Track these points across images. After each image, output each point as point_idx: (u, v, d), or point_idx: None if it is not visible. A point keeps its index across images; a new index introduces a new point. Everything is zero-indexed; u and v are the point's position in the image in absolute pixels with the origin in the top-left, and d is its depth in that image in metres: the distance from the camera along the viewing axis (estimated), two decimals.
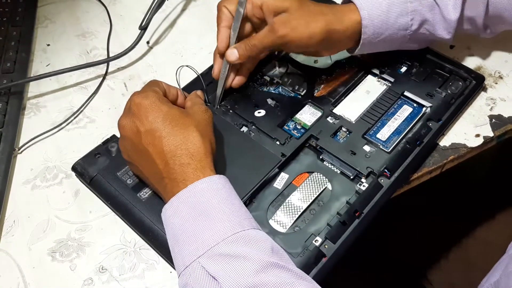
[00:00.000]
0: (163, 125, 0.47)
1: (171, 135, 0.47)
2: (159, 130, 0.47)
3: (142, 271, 0.50)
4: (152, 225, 0.50)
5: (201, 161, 0.47)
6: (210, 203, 0.45)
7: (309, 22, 0.54)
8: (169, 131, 0.47)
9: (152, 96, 0.49)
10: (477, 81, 0.61)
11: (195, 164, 0.46)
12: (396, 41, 0.59)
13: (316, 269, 0.47)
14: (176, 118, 0.48)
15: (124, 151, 0.51)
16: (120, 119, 0.50)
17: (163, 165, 0.46)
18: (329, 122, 0.58)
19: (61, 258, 0.51)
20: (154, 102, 0.48)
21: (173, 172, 0.46)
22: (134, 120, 0.48)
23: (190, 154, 0.46)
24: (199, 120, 0.49)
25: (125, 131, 0.49)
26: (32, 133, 0.61)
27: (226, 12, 0.57)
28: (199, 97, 0.55)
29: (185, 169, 0.46)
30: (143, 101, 0.48)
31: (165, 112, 0.48)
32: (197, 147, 0.47)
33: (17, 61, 0.68)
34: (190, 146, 0.47)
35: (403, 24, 0.57)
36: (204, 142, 0.48)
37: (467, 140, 0.58)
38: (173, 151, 0.46)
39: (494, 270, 0.48)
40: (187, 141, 0.47)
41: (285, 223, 0.51)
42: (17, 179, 0.58)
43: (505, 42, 0.68)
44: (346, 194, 0.52)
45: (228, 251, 0.42)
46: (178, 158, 0.46)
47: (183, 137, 0.47)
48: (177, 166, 0.46)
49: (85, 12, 0.77)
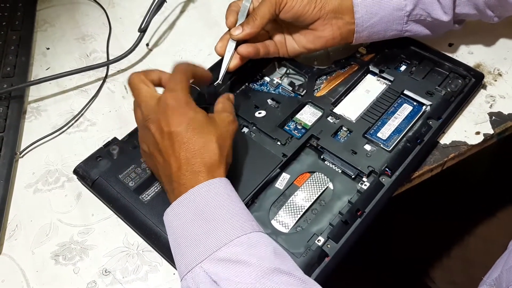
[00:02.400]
0: (186, 130, 0.47)
1: (191, 142, 0.47)
2: (181, 135, 0.47)
3: (145, 273, 0.50)
4: (155, 227, 0.50)
5: (213, 172, 0.47)
6: (211, 206, 0.45)
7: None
8: (189, 138, 0.47)
9: (181, 98, 0.48)
10: (476, 79, 0.62)
11: (207, 174, 0.46)
12: (394, 23, 0.60)
13: (319, 268, 0.47)
14: (200, 126, 0.48)
15: (143, 141, 0.51)
16: (147, 109, 0.49)
17: (176, 169, 0.46)
18: (330, 122, 0.58)
19: (65, 261, 0.52)
20: (181, 106, 0.48)
21: (183, 178, 0.46)
22: (159, 117, 0.48)
23: (204, 164, 0.46)
24: (222, 131, 0.49)
25: (149, 124, 0.49)
26: (33, 137, 0.61)
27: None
28: (230, 101, 0.55)
29: (196, 177, 0.46)
30: (172, 102, 0.48)
31: (190, 118, 0.47)
32: (212, 159, 0.47)
33: (17, 65, 0.68)
34: (206, 156, 0.47)
35: (397, 3, 0.58)
36: (221, 156, 0.48)
37: (467, 138, 0.59)
38: (188, 158, 0.46)
39: (495, 266, 0.48)
40: (204, 151, 0.47)
41: (287, 223, 0.51)
42: (19, 183, 0.58)
43: (504, 40, 0.68)
44: (348, 193, 0.52)
45: (230, 256, 0.42)
46: (192, 166, 0.46)
47: (202, 147, 0.47)
48: (188, 173, 0.46)
49: (84, 15, 0.77)
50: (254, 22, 0.57)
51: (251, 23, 0.57)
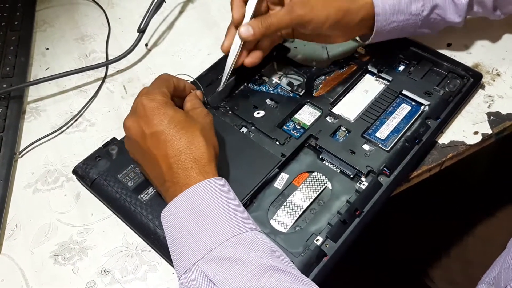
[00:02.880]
0: (168, 128, 0.47)
1: (176, 139, 0.47)
2: (164, 133, 0.47)
3: (144, 273, 0.51)
4: (154, 227, 0.51)
5: (205, 166, 0.47)
6: (208, 205, 0.45)
7: (326, 2, 0.55)
8: (174, 135, 0.47)
9: (159, 99, 0.49)
10: (474, 79, 0.62)
11: (199, 169, 0.46)
12: (408, 27, 0.60)
13: (318, 268, 0.47)
14: (182, 122, 0.48)
15: (130, 150, 0.52)
16: (126, 119, 0.50)
17: (167, 169, 0.47)
18: (328, 122, 0.58)
19: (64, 261, 0.52)
20: (160, 105, 0.48)
21: (176, 176, 0.46)
22: (139, 122, 0.48)
23: (194, 159, 0.46)
24: (203, 124, 0.49)
25: (131, 132, 0.49)
26: (33, 137, 0.61)
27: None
28: (198, 98, 0.55)
29: (188, 173, 0.46)
30: (150, 103, 0.48)
31: (170, 116, 0.48)
32: (201, 152, 0.47)
33: (16, 66, 0.68)
34: (194, 151, 0.47)
35: (414, 10, 0.58)
36: (208, 147, 0.48)
37: (466, 138, 0.59)
38: (177, 156, 0.46)
39: (493, 265, 0.48)
40: (192, 146, 0.47)
41: (286, 223, 0.51)
42: (18, 183, 0.58)
43: (502, 40, 0.68)
44: (346, 193, 0.53)
45: (227, 255, 0.42)
46: (182, 163, 0.46)
47: (188, 142, 0.47)
48: (180, 170, 0.46)
49: (83, 15, 0.77)
50: (270, 27, 0.55)
51: (265, 24, 0.55)
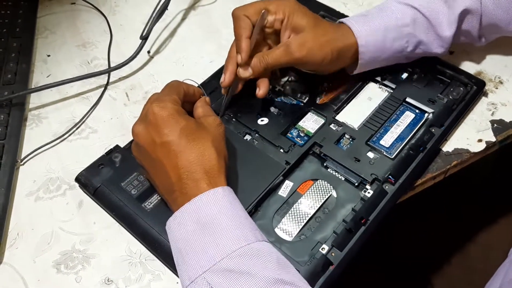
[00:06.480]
0: (179, 139, 0.46)
1: (187, 150, 0.46)
2: (175, 144, 0.46)
3: (148, 282, 0.50)
4: (158, 235, 0.50)
5: (215, 177, 0.46)
6: (214, 216, 0.44)
7: (322, 44, 0.56)
8: (185, 146, 0.46)
9: (170, 107, 0.48)
10: (477, 87, 0.62)
11: (209, 180, 0.46)
12: (392, 61, 0.61)
13: (324, 277, 0.47)
14: (193, 132, 0.47)
15: (137, 156, 0.51)
16: (136, 126, 0.49)
17: (176, 179, 0.46)
18: (332, 129, 0.58)
19: (66, 270, 0.51)
20: (171, 114, 0.47)
21: (186, 187, 0.46)
22: (149, 130, 0.47)
23: (204, 171, 0.46)
24: (215, 135, 0.49)
25: (140, 139, 0.48)
26: (34, 144, 0.61)
27: (247, 21, 0.55)
28: (208, 105, 0.54)
29: (198, 184, 0.46)
30: (161, 111, 0.47)
31: (182, 126, 0.47)
32: (212, 164, 0.46)
33: (18, 73, 0.68)
34: (205, 163, 0.46)
35: (399, 47, 0.59)
36: (219, 159, 0.47)
37: (470, 145, 0.59)
38: (187, 167, 0.46)
39: (495, 276, 0.48)
40: (203, 158, 0.46)
41: (291, 231, 0.51)
42: (20, 191, 0.58)
43: (504, 47, 0.68)
44: (351, 201, 0.52)
45: (233, 267, 0.42)
46: (192, 174, 0.46)
47: (199, 153, 0.46)
48: (190, 181, 0.46)
49: (85, 22, 0.77)
50: (267, 67, 0.56)
51: (263, 65, 0.55)
